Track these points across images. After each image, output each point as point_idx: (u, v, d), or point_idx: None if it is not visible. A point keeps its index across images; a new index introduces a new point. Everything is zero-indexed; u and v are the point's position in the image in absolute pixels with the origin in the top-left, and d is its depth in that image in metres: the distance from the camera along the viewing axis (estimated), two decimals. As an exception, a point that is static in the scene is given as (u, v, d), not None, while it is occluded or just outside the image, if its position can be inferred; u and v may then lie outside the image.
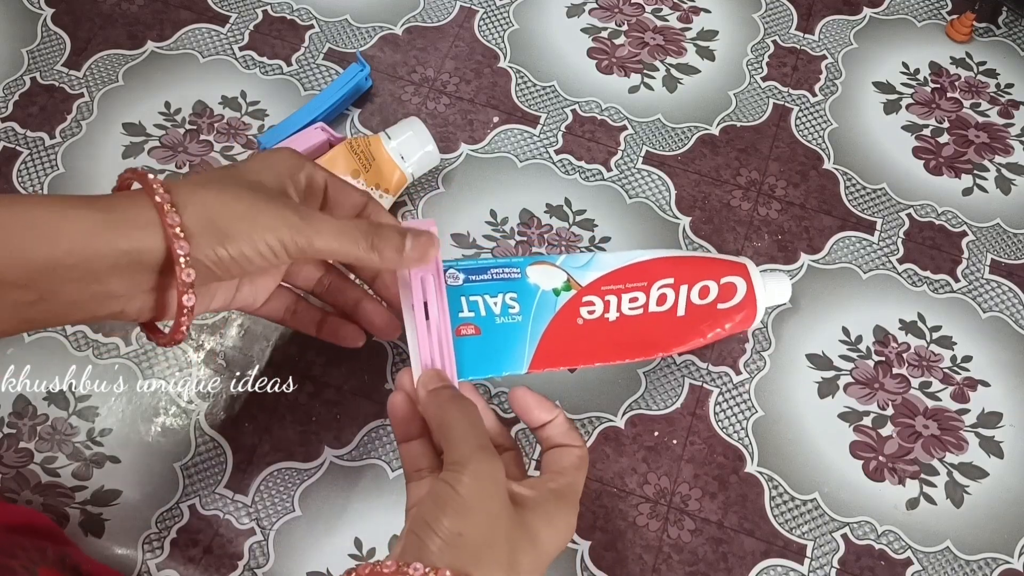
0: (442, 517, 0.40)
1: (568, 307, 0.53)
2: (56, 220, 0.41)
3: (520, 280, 0.53)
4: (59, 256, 0.40)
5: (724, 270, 0.57)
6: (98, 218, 0.41)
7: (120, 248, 0.41)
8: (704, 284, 0.56)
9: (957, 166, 0.70)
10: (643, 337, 0.54)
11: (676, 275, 0.55)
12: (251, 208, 0.44)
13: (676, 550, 0.57)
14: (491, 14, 0.75)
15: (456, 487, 0.41)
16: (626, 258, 0.55)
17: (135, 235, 0.42)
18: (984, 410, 0.61)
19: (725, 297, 0.56)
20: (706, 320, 0.55)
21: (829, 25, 0.76)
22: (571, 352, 0.53)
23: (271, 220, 0.44)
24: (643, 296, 0.54)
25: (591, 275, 0.54)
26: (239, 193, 0.44)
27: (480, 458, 0.42)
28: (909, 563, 0.57)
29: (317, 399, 0.60)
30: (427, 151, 0.65)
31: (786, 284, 0.60)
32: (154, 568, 0.55)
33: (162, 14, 0.74)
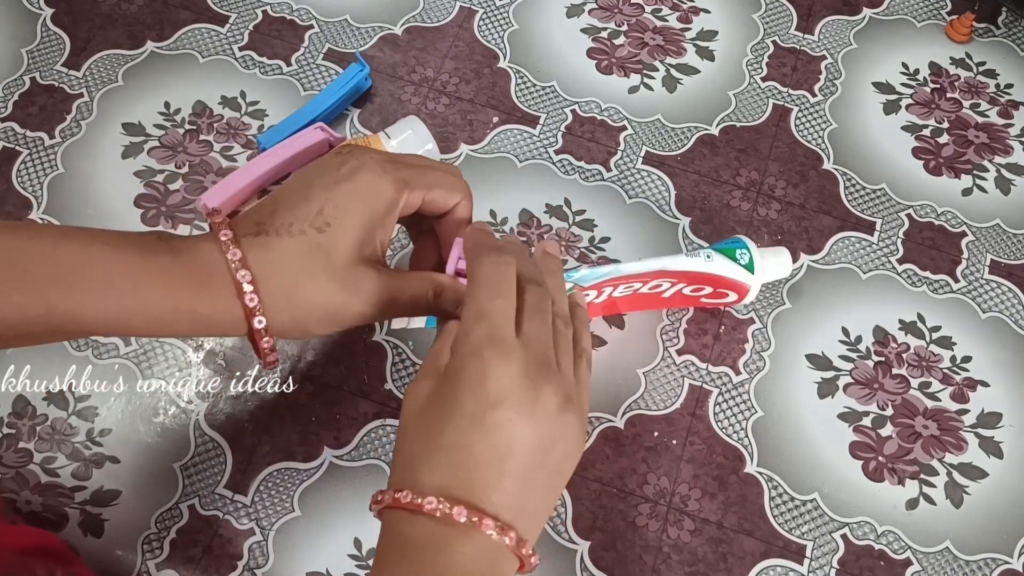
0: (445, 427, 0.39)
1: None
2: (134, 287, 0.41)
3: None
4: (138, 314, 0.42)
5: (725, 286, 0.59)
6: (172, 291, 0.42)
7: (194, 319, 0.43)
8: (699, 286, 0.59)
9: (957, 166, 0.70)
10: (634, 302, 0.60)
11: (675, 279, 0.59)
12: (308, 280, 0.43)
13: (676, 550, 0.57)
14: (491, 14, 0.75)
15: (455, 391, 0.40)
16: (638, 267, 0.57)
17: (208, 307, 0.42)
18: (984, 410, 0.61)
19: (716, 296, 0.60)
20: (695, 302, 0.61)
21: (829, 25, 0.76)
22: None
23: (355, 317, 0.44)
24: (638, 284, 0.58)
25: (588, 282, 0.56)
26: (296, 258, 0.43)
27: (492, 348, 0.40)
28: (909, 563, 0.57)
29: (317, 399, 0.60)
30: (427, 150, 0.65)
31: (785, 258, 0.61)
32: (154, 568, 0.55)
33: (162, 14, 0.74)
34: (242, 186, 0.64)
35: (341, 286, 0.44)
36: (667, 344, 0.62)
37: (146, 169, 0.67)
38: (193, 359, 0.61)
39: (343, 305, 0.44)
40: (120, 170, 0.67)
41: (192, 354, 0.61)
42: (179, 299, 0.42)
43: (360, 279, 0.44)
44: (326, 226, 0.44)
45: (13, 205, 0.65)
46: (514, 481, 0.39)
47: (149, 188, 0.66)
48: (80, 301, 0.41)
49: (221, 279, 0.42)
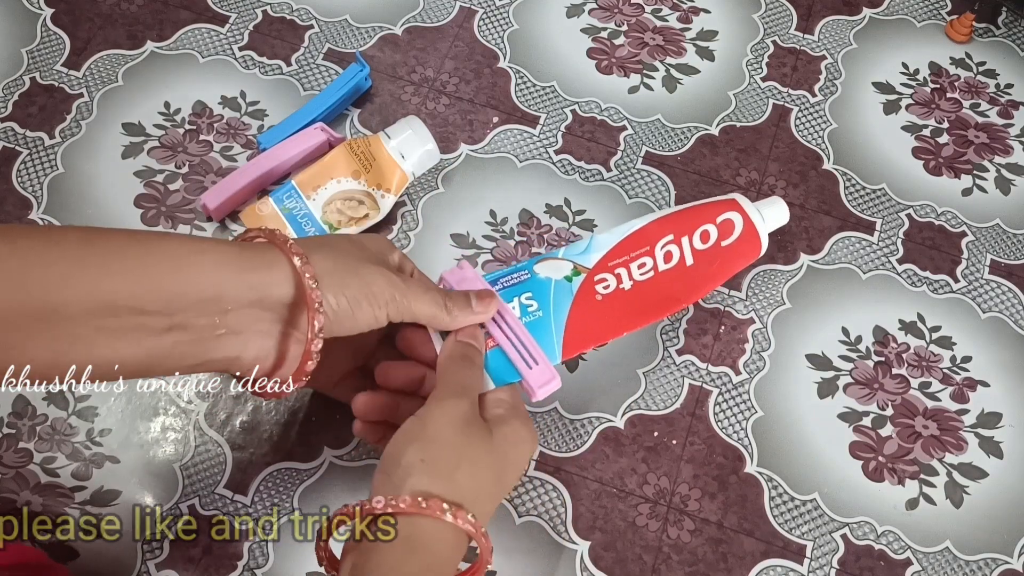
0: (407, 448, 0.46)
1: (584, 288, 0.54)
2: (193, 255, 0.44)
3: (531, 279, 0.54)
4: (193, 287, 0.44)
5: (717, 210, 0.59)
6: (232, 255, 0.45)
7: (250, 283, 0.45)
8: (703, 229, 0.58)
9: (957, 166, 0.70)
10: (662, 296, 0.56)
11: (674, 230, 0.57)
12: (364, 266, 0.48)
13: (676, 550, 0.57)
14: (491, 14, 0.75)
15: (425, 420, 0.47)
16: (621, 232, 0.56)
17: (266, 274, 0.46)
18: (984, 410, 0.61)
19: (725, 234, 0.58)
20: (715, 261, 0.57)
21: (829, 25, 0.76)
22: (597, 329, 0.54)
23: (381, 277, 0.48)
24: (650, 260, 0.56)
25: (594, 257, 0.55)
26: (351, 251, 0.49)
27: (451, 399, 0.48)
28: (909, 563, 0.57)
29: (317, 399, 0.60)
30: (427, 149, 0.65)
31: (782, 207, 0.61)
32: (153, 568, 0.55)
33: (162, 14, 0.74)
34: (242, 186, 0.64)
35: (376, 262, 0.49)
36: (667, 344, 0.62)
37: (146, 169, 0.67)
38: (193, 359, 0.61)
39: (388, 284, 0.48)
40: (120, 170, 0.67)
41: (192, 354, 0.61)
42: (231, 263, 0.45)
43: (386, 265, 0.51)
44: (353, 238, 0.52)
45: (13, 205, 0.65)
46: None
47: (149, 188, 0.66)
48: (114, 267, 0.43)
49: (276, 258, 0.46)
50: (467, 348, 0.51)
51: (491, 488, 0.48)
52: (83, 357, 0.43)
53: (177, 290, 0.43)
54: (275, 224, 0.63)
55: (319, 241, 0.50)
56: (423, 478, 0.44)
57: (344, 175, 0.63)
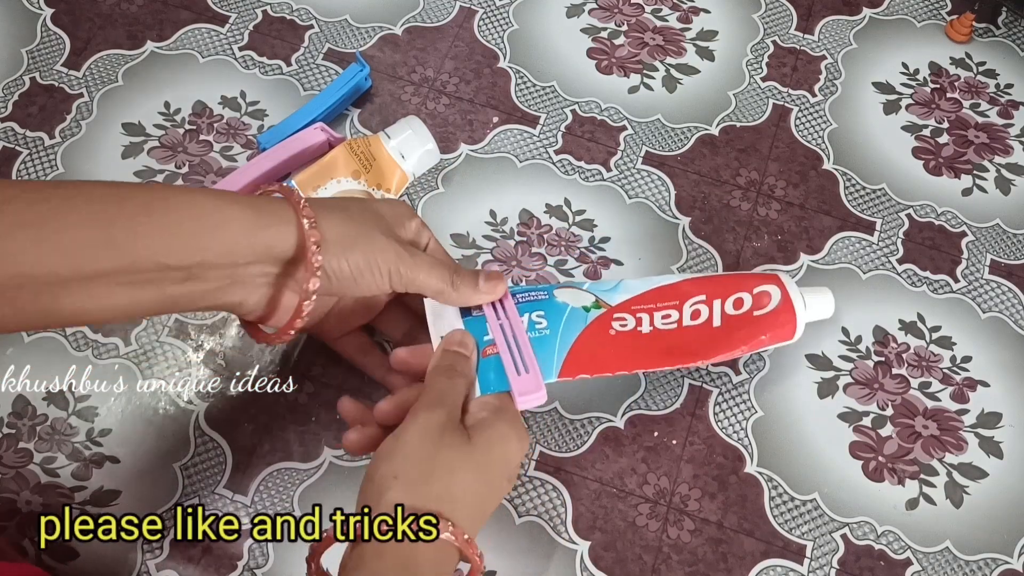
0: (380, 465, 0.46)
1: (599, 320, 0.53)
2: (214, 214, 0.46)
3: (548, 300, 0.54)
4: (213, 245, 0.46)
5: (756, 282, 0.57)
6: (250, 214, 0.47)
7: (262, 240, 0.47)
8: (738, 296, 0.56)
9: (957, 166, 0.70)
10: (679, 347, 0.54)
11: (707, 292, 0.55)
12: (373, 236, 0.49)
13: (676, 550, 0.57)
14: (491, 14, 0.75)
15: (398, 436, 0.47)
16: (652, 282, 0.55)
17: (276, 232, 0.47)
18: (984, 410, 0.61)
19: (760, 305, 0.55)
20: (743, 328, 0.55)
21: (829, 25, 0.76)
22: (604, 359, 0.53)
23: (387, 248, 0.50)
24: (676, 313, 0.54)
25: (619, 297, 0.54)
26: (364, 218, 0.50)
27: (427, 411, 0.47)
28: (909, 563, 0.57)
29: (317, 399, 0.60)
30: (427, 149, 0.65)
31: (828, 298, 0.58)
32: (153, 568, 0.55)
33: (162, 14, 0.74)
34: (242, 186, 0.64)
35: (385, 229, 0.50)
36: (667, 344, 0.62)
37: (146, 169, 0.67)
38: (193, 359, 0.61)
39: (395, 256, 0.50)
40: (120, 170, 0.67)
41: (192, 354, 0.61)
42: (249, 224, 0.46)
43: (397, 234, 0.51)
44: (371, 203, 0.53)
45: (13, 205, 0.65)
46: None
47: (149, 188, 0.66)
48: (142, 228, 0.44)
49: (287, 215, 0.48)
50: (453, 357, 0.51)
51: (476, 493, 0.47)
52: (105, 307, 0.45)
53: (198, 248, 0.45)
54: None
55: (334, 203, 0.51)
56: (397, 493, 0.44)
57: (344, 175, 0.63)
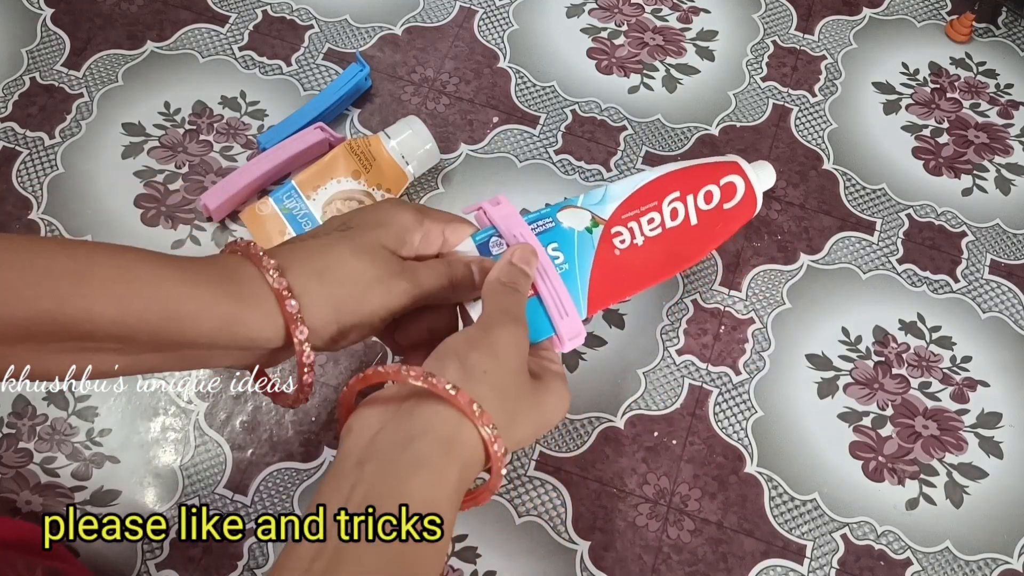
0: (471, 352, 0.43)
1: (603, 242, 0.55)
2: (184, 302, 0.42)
3: (556, 227, 0.55)
4: (190, 337, 0.42)
5: (720, 172, 0.60)
6: (226, 309, 0.43)
7: (244, 336, 0.44)
8: (706, 190, 0.59)
9: (957, 166, 0.70)
10: (670, 254, 0.57)
11: (680, 187, 0.58)
12: (368, 289, 0.46)
13: (676, 550, 0.57)
14: (491, 14, 0.75)
15: (489, 334, 0.44)
16: (633, 183, 0.58)
17: (258, 325, 0.44)
18: (984, 410, 0.61)
19: (728, 197, 0.59)
20: (718, 223, 0.59)
21: (829, 25, 0.76)
22: (617, 286, 0.56)
23: (386, 297, 0.46)
24: (658, 216, 0.57)
25: (609, 207, 0.56)
26: (355, 272, 0.46)
27: (516, 326, 0.46)
28: (909, 563, 0.57)
29: (317, 399, 0.60)
30: (427, 149, 0.65)
31: (770, 170, 0.62)
32: (153, 568, 0.55)
33: (162, 14, 0.74)
34: (242, 186, 0.64)
35: (369, 260, 0.47)
36: (667, 344, 0.62)
37: (146, 169, 0.67)
38: (193, 359, 0.61)
39: (373, 278, 0.46)
40: (120, 170, 0.67)
41: (192, 354, 0.61)
42: (203, 293, 0.43)
43: (382, 255, 0.48)
44: (348, 228, 0.48)
45: (13, 205, 0.65)
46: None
47: (149, 188, 0.66)
48: (93, 295, 0.40)
49: (249, 273, 0.44)
50: (518, 275, 0.49)
51: (524, 430, 0.46)
52: (82, 364, 0.43)
53: (170, 338, 0.42)
54: (275, 224, 0.63)
55: (315, 265, 0.46)
56: (482, 388, 0.42)
57: (344, 175, 0.63)
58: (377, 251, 0.48)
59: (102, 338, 0.41)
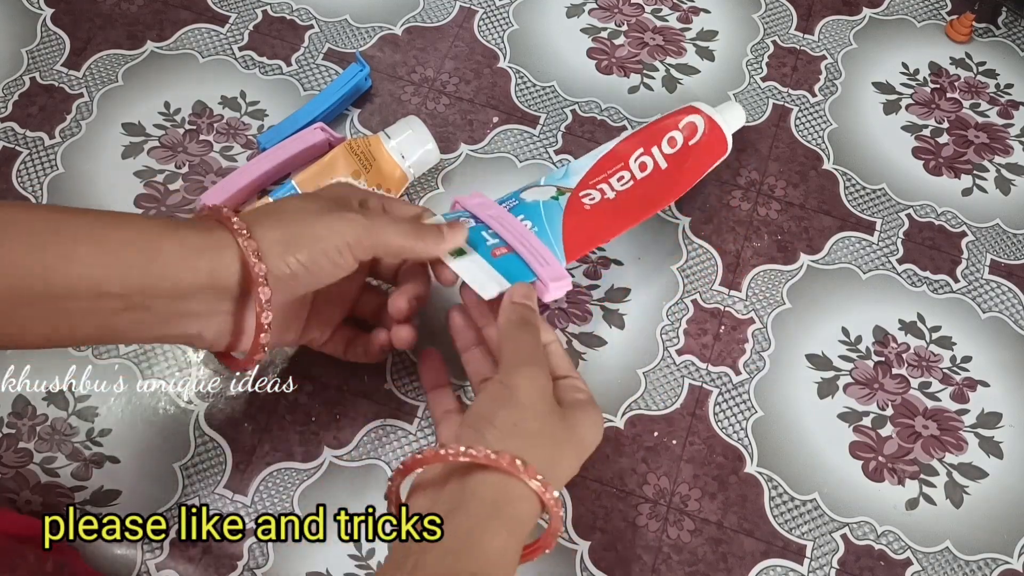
0: (499, 410, 0.46)
1: (571, 202, 0.58)
2: (152, 242, 0.45)
3: (520, 204, 0.58)
4: (152, 275, 0.44)
5: (679, 117, 0.63)
6: (188, 242, 0.46)
7: (202, 269, 0.46)
8: (669, 136, 0.62)
9: (957, 166, 0.70)
10: (645, 199, 0.60)
11: (643, 144, 0.61)
12: (318, 219, 0.48)
13: (676, 550, 0.57)
14: (491, 14, 0.75)
15: (509, 387, 0.47)
16: (595, 155, 0.60)
17: (216, 257, 0.46)
18: (984, 410, 0.61)
19: (691, 135, 0.62)
20: (687, 160, 0.62)
21: (829, 25, 0.76)
22: (592, 232, 0.58)
23: (339, 224, 0.48)
24: (627, 173, 0.60)
25: (574, 179, 0.59)
26: (302, 211, 0.49)
27: (532, 367, 0.48)
28: (909, 563, 0.57)
29: (317, 399, 0.60)
30: (427, 149, 0.65)
31: (738, 108, 0.65)
32: (153, 568, 0.55)
33: (162, 14, 0.74)
34: (242, 186, 0.64)
35: (323, 199, 0.50)
36: (667, 344, 0.62)
37: (146, 169, 0.67)
38: (193, 359, 0.61)
39: (323, 207, 0.49)
40: (120, 170, 0.67)
41: (192, 354, 0.61)
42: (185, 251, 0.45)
43: (339, 197, 0.51)
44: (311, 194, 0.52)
45: (13, 205, 0.65)
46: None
47: (149, 188, 0.66)
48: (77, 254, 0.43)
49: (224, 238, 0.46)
50: (524, 310, 0.52)
51: (567, 464, 0.48)
52: (38, 334, 0.44)
53: (137, 276, 0.44)
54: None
55: (267, 209, 0.49)
56: (517, 442, 0.45)
57: (344, 175, 0.63)
58: (332, 195, 0.51)
59: (112, 296, 0.43)
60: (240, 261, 0.46)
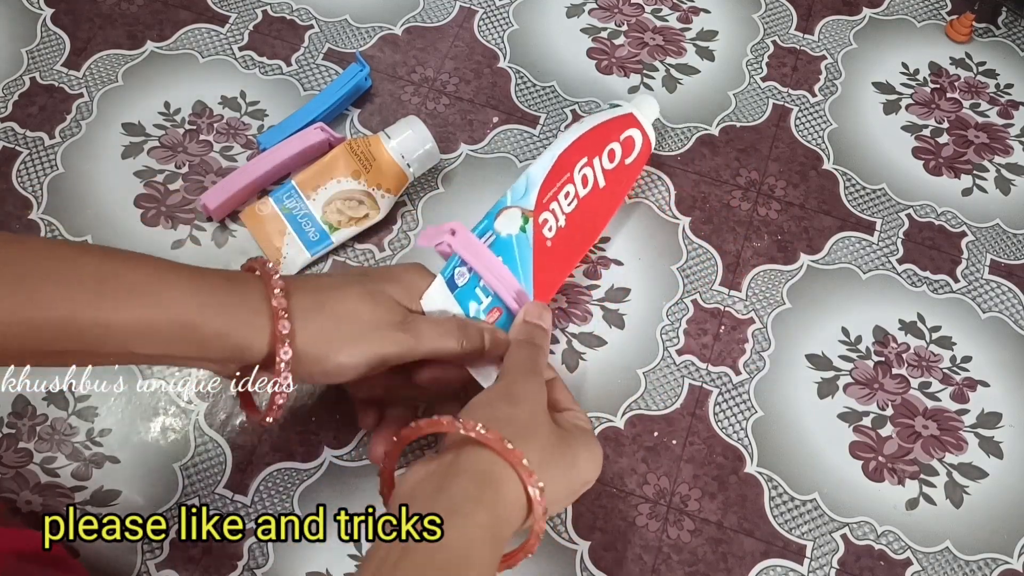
0: (496, 402, 0.46)
1: (536, 236, 0.58)
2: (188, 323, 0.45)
3: (496, 239, 0.57)
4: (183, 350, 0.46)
5: (618, 128, 0.63)
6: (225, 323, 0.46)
7: (232, 346, 0.46)
8: (609, 148, 0.62)
9: (957, 166, 0.70)
10: (586, 224, 0.61)
11: (587, 152, 0.61)
12: (362, 332, 0.48)
13: (676, 550, 0.57)
14: (491, 14, 0.75)
15: (511, 389, 0.48)
16: (546, 162, 0.60)
17: (247, 337, 0.46)
18: (984, 410, 0.61)
19: (628, 151, 0.63)
20: (622, 178, 0.63)
21: (829, 25, 0.76)
22: (554, 275, 0.59)
23: (378, 341, 0.49)
24: (572, 187, 0.60)
25: (532, 196, 0.59)
26: (355, 311, 0.49)
27: (536, 377, 0.49)
28: (909, 563, 0.57)
29: (317, 399, 0.60)
30: (427, 149, 0.65)
31: (652, 101, 0.66)
32: (153, 568, 0.55)
33: (162, 14, 0.74)
34: (242, 186, 0.64)
35: (372, 304, 0.50)
36: (667, 344, 0.62)
37: (146, 169, 0.67)
38: (193, 359, 0.61)
39: (371, 321, 0.49)
40: (120, 170, 0.67)
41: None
42: (205, 295, 0.45)
43: (387, 302, 0.51)
44: (364, 275, 0.52)
45: (13, 205, 0.65)
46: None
47: (149, 188, 0.66)
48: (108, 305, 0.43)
49: (255, 288, 0.47)
50: (535, 331, 0.53)
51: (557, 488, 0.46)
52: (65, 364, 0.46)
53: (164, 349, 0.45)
54: (275, 224, 0.63)
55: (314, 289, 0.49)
56: (508, 431, 0.44)
57: (344, 175, 0.63)
58: (382, 297, 0.51)
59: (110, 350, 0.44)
60: (270, 347, 0.47)
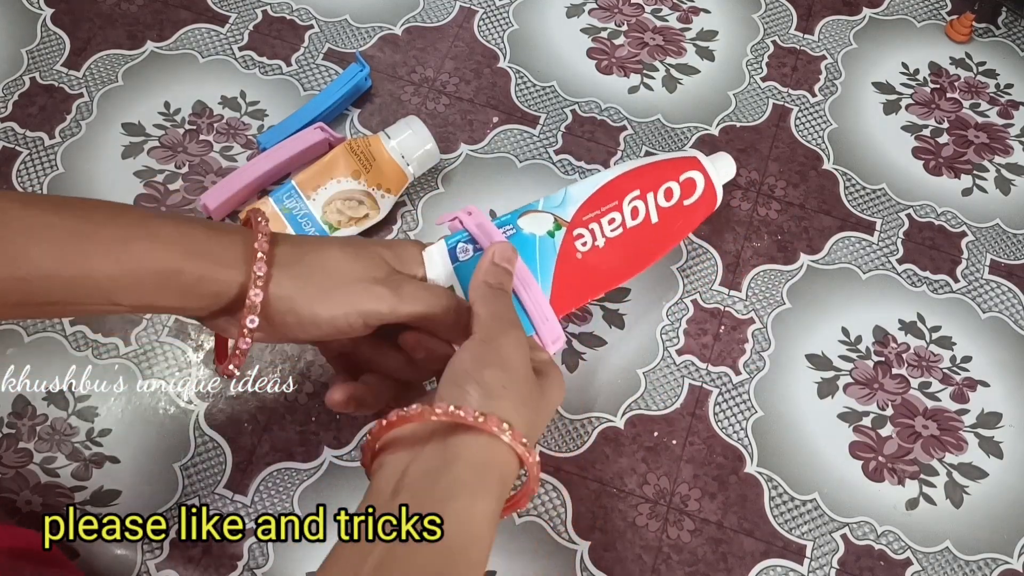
0: (484, 369, 0.44)
1: (565, 245, 0.56)
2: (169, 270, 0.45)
3: (517, 234, 0.55)
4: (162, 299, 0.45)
5: (679, 168, 0.60)
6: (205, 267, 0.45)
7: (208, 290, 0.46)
8: (667, 186, 0.59)
9: (957, 166, 0.70)
10: (632, 254, 0.58)
11: (640, 185, 0.59)
12: (339, 284, 0.47)
13: (675, 550, 0.57)
14: (491, 14, 0.75)
15: (494, 347, 0.45)
16: (593, 183, 0.58)
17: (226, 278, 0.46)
18: (984, 410, 0.61)
19: (688, 193, 0.60)
20: (679, 219, 0.60)
21: (829, 25, 0.76)
22: (580, 289, 0.56)
23: (358, 294, 0.47)
24: (618, 215, 0.58)
25: (570, 209, 0.57)
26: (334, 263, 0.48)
27: (517, 330, 0.47)
28: (909, 563, 0.57)
29: (317, 399, 0.60)
30: (427, 149, 0.65)
31: (729, 161, 0.63)
32: (153, 568, 0.55)
33: (162, 14, 0.74)
34: (242, 186, 0.64)
35: (354, 257, 0.48)
36: (667, 344, 0.62)
37: (146, 169, 0.67)
38: (193, 359, 0.61)
39: (350, 274, 0.47)
40: (120, 170, 0.67)
41: (192, 354, 0.61)
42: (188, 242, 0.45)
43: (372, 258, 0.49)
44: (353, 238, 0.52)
45: (13, 205, 0.65)
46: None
47: (149, 188, 0.66)
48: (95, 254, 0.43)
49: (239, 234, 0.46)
50: (503, 275, 0.50)
51: (540, 425, 0.47)
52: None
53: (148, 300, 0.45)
54: (275, 224, 0.63)
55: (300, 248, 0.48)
56: (504, 404, 0.43)
57: (344, 175, 0.63)
58: (366, 252, 0.49)
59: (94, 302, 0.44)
60: (241, 287, 0.46)
